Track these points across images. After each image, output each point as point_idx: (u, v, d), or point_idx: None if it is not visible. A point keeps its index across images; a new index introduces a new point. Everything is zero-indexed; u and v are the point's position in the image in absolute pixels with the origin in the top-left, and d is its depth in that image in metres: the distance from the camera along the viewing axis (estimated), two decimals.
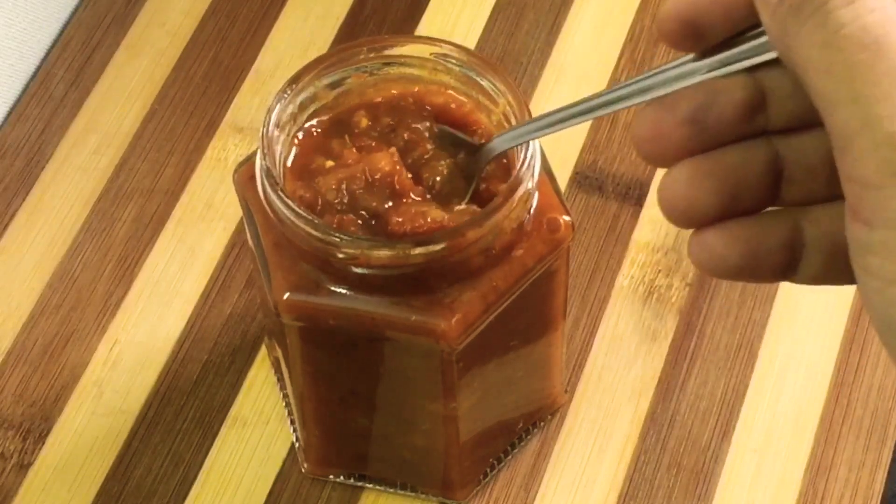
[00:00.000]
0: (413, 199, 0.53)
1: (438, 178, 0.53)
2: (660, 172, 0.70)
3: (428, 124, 0.54)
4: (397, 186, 0.52)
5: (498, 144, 0.51)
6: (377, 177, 0.53)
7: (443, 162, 0.53)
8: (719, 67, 0.39)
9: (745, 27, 0.38)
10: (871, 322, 0.36)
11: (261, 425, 0.64)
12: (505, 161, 0.54)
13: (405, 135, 0.54)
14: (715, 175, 0.39)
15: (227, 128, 0.73)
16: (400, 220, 0.52)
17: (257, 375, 0.66)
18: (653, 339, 0.66)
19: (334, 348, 0.56)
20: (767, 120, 0.39)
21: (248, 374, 0.66)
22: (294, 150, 0.55)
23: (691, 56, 0.40)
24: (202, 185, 0.71)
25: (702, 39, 0.39)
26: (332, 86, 0.56)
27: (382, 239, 0.52)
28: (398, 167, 0.53)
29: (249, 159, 0.56)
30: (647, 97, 0.40)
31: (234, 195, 0.58)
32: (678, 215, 0.39)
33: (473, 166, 0.53)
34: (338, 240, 0.51)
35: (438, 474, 0.61)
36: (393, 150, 0.53)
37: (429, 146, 0.54)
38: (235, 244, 0.69)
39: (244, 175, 0.56)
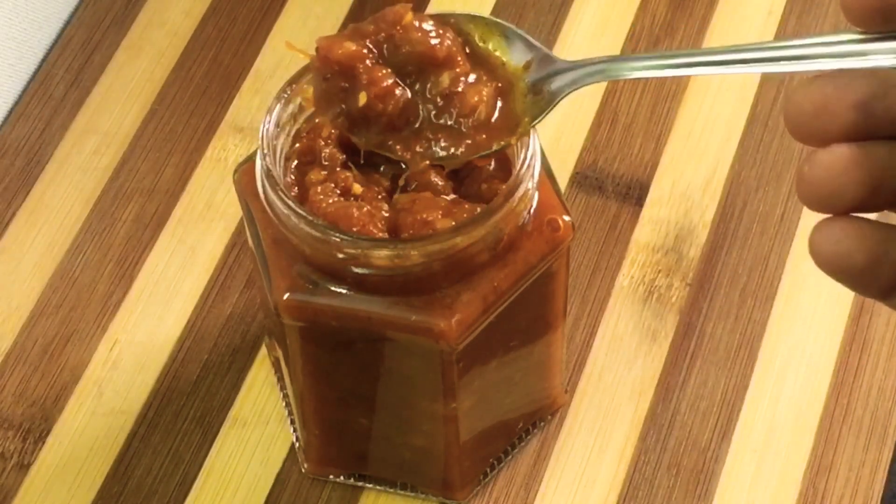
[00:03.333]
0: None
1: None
2: (660, 173, 0.71)
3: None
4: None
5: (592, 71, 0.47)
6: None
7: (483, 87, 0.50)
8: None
9: None
10: None
11: (261, 425, 0.64)
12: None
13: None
14: (866, 166, 0.37)
15: (227, 128, 0.73)
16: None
17: (257, 375, 0.66)
18: (653, 339, 0.66)
19: (334, 348, 0.56)
20: None
21: (248, 374, 0.66)
22: (294, 150, 0.55)
23: (861, 35, 0.38)
24: (202, 185, 0.71)
25: (890, 20, 0.37)
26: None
27: (382, 239, 0.52)
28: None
29: (249, 159, 0.56)
30: (807, 67, 0.38)
31: (234, 195, 0.58)
32: (815, 199, 0.37)
33: (545, 90, 0.48)
34: (338, 240, 0.51)
35: (438, 474, 0.61)
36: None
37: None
38: (235, 244, 0.69)
39: (244, 175, 0.56)
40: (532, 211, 0.54)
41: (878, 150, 0.37)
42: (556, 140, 0.72)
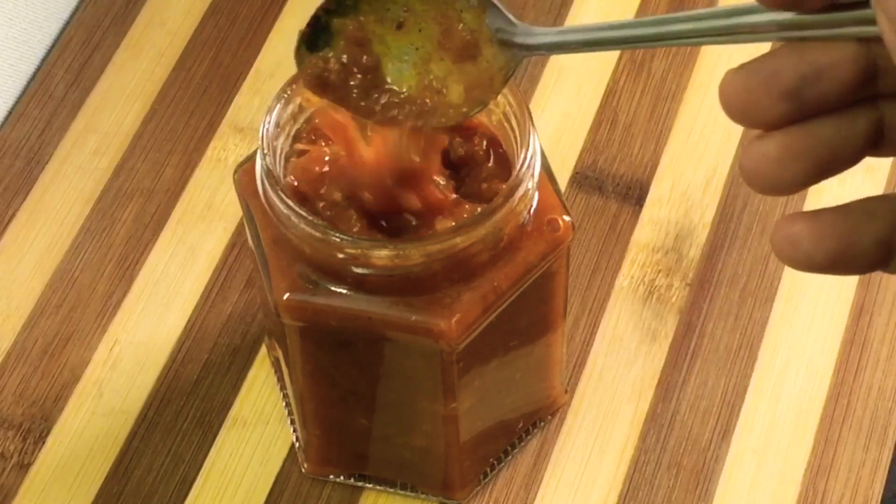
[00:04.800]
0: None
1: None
2: (660, 173, 0.71)
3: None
4: None
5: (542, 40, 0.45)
6: None
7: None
8: (826, 28, 0.36)
9: None
10: None
11: (261, 425, 0.64)
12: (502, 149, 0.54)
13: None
14: (808, 154, 0.36)
15: (227, 128, 0.73)
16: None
17: (257, 375, 0.66)
18: (653, 339, 0.66)
19: (334, 348, 0.56)
20: (876, 87, 0.36)
21: (248, 374, 0.66)
22: (294, 150, 0.55)
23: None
24: (202, 185, 0.71)
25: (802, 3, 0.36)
26: None
27: (382, 239, 0.52)
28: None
29: (249, 159, 0.56)
30: (722, 40, 0.37)
31: (234, 195, 0.58)
32: (761, 187, 0.37)
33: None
34: (337, 240, 0.51)
35: (438, 474, 0.61)
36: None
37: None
38: (235, 244, 0.69)
39: (244, 175, 0.56)
40: (532, 211, 0.54)
41: (824, 130, 0.37)
42: (556, 140, 0.72)
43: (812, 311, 0.67)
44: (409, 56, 0.47)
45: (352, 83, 0.50)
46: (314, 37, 0.49)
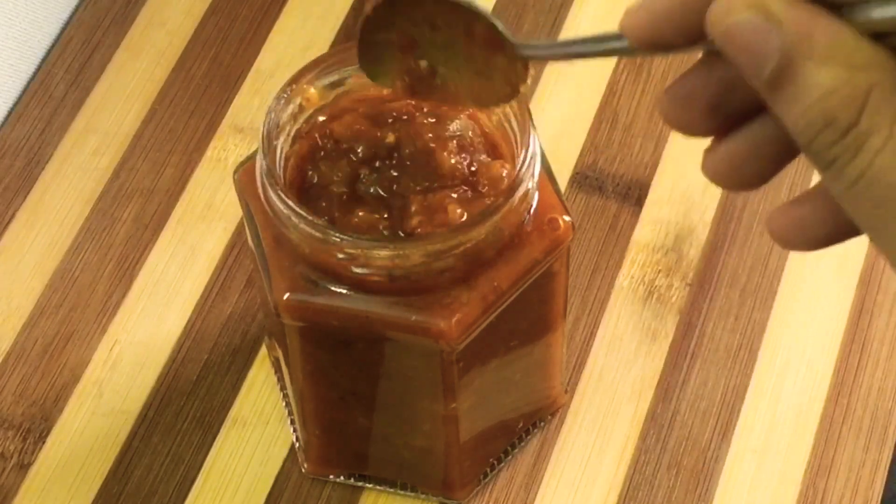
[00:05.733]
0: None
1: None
2: (660, 173, 0.71)
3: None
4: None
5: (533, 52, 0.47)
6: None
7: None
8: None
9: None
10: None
11: (261, 425, 0.64)
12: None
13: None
14: (756, 155, 0.37)
15: (227, 128, 0.73)
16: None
17: (257, 375, 0.66)
18: (653, 339, 0.66)
19: (334, 348, 0.56)
20: None
21: (248, 374, 0.66)
22: (294, 149, 0.55)
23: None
24: (202, 185, 0.71)
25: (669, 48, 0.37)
26: (332, 86, 0.56)
27: (382, 239, 0.52)
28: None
29: (249, 159, 0.56)
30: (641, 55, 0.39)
31: (234, 195, 0.58)
32: (727, 187, 0.39)
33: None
34: (338, 240, 0.51)
35: (438, 474, 0.61)
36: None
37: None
38: (235, 244, 0.69)
39: (244, 175, 0.56)
40: (532, 211, 0.54)
41: (754, 134, 0.37)
42: (556, 140, 0.72)
43: (812, 311, 0.67)
44: (456, 46, 0.49)
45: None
46: (370, 51, 0.50)
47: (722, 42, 0.34)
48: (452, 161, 0.54)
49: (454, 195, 0.53)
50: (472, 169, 0.54)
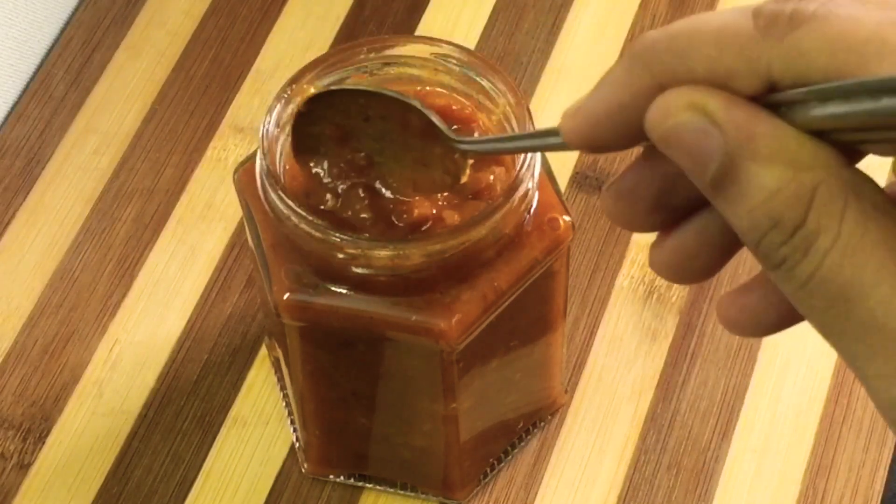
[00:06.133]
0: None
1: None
2: None
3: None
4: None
5: (470, 147, 0.48)
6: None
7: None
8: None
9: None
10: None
11: (261, 425, 0.64)
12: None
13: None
14: (703, 248, 0.37)
15: (227, 128, 0.73)
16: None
17: (257, 375, 0.66)
18: (653, 339, 0.66)
19: (334, 348, 0.56)
20: None
21: (248, 374, 0.66)
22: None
23: None
24: (202, 185, 0.71)
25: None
26: (332, 86, 0.55)
27: (382, 239, 0.52)
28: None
29: (249, 159, 0.56)
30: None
31: (234, 195, 0.58)
32: (677, 280, 0.39)
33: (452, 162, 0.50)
34: (338, 240, 0.51)
35: (438, 474, 0.62)
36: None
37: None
38: (235, 244, 0.69)
39: (244, 175, 0.56)
40: (532, 211, 0.54)
41: (711, 224, 0.37)
42: None
43: None
44: (390, 136, 0.49)
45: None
46: (305, 144, 0.52)
47: (662, 145, 0.34)
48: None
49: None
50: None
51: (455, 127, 0.54)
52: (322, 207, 0.53)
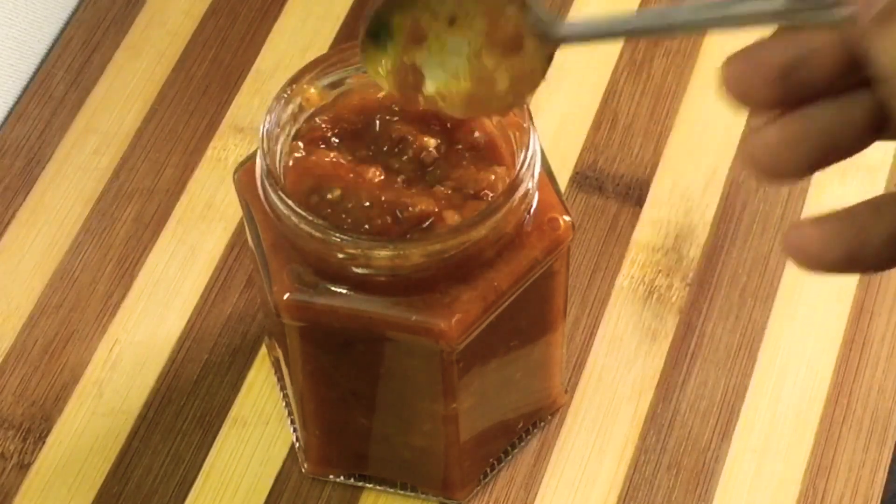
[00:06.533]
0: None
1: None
2: (660, 173, 0.71)
3: None
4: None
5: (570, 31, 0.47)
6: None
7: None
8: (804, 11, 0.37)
9: None
10: None
11: (261, 425, 0.64)
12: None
13: None
14: (807, 139, 0.37)
15: (227, 128, 0.73)
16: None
17: (257, 375, 0.66)
18: (653, 339, 0.66)
19: (334, 348, 0.56)
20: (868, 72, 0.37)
21: (248, 374, 0.66)
22: (294, 149, 0.55)
23: None
24: (202, 185, 0.71)
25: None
26: (332, 86, 0.56)
27: (382, 239, 0.52)
28: None
29: (249, 159, 0.56)
30: (724, 27, 0.38)
31: (234, 195, 0.58)
32: (762, 172, 0.38)
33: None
34: (338, 240, 0.51)
35: (438, 474, 0.61)
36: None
37: None
38: (235, 244, 0.69)
39: (244, 175, 0.56)
40: (532, 211, 0.54)
41: (824, 115, 0.37)
42: (556, 140, 0.72)
43: (812, 311, 0.67)
44: (463, 50, 0.49)
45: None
46: (377, 30, 0.50)
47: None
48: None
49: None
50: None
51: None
52: (329, 197, 0.53)
